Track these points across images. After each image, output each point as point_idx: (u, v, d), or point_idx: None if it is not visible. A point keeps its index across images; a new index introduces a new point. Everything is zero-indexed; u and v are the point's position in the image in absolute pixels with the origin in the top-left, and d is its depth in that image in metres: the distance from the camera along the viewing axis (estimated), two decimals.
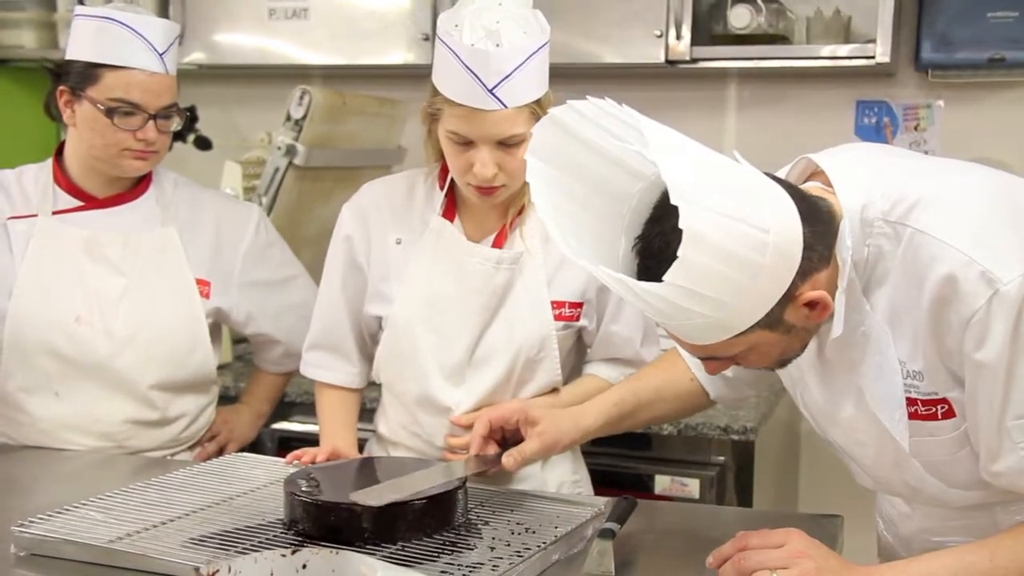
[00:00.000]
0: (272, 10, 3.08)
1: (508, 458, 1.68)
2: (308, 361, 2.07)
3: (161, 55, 2.02)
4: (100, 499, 1.67)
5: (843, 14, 2.84)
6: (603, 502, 1.66)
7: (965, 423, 1.40)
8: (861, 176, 1.40)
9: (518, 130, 1.74)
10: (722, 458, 2.46)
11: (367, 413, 2.13)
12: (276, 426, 2.68)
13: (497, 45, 1.70)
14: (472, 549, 1.48)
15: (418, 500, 1.51)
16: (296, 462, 1.84)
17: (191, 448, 2.18)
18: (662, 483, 2.46)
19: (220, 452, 2.21)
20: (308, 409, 2.75)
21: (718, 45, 2.84)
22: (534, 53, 1.74)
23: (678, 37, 2.77)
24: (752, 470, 2.50)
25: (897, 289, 1.37)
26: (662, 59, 2.79)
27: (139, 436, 2.08)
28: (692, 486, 2.45)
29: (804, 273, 1.30)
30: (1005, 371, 1.31)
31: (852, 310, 1.38)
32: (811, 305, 1.33)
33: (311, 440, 2.09)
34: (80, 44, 2.03)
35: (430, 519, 1.52)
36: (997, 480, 1.40)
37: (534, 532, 1.54)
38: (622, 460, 2.46)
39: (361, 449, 2.03)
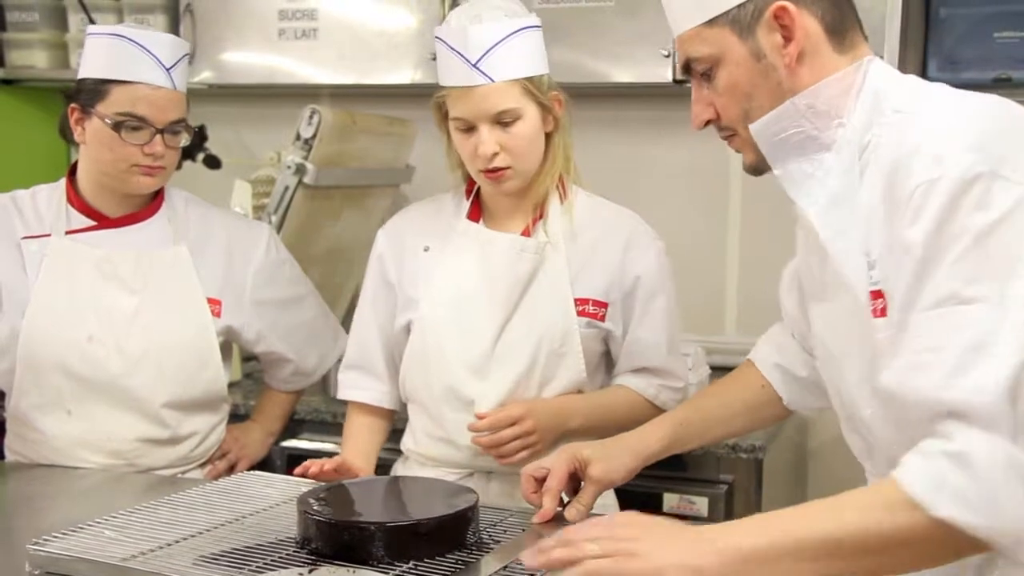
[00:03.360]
0: (282, 30, 3.10)
1: (572, 513, 1.65)
2: (342, 382, 2.10)
3: (168, 70, 2.04)
4: (113, 517, 1.67)
5: None
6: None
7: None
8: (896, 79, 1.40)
9: (509, 104, 1.83)
10: (731, 476, 2.46)
11: (395, 435, 2.14)
12: (285, 444, 2.69)
13: (478, 23, 1.82)
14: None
15: (431, 519, 1.52)
16: (312, 480, 1.85)
17: (202, 466, 2.19)
18: (670, 501, 2.46)
19: (231, 470, 2.23)
20: (317, 427, 2.77)
21: None
22: (518, 31, 1.84)
23: None
24: (761, 488, 2.50)
25: (875, 173, 1.34)
26: (669, 78, 2.81)
27: (150, 454, 2.10)
28: (700, 504, 2.45)
29: None
30: (922, 255, 1.23)
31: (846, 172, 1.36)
32: (782, 26, 1.33)
33: (320, 458, 2.09)
34: (91, 62, 2.05)
35: (443, 539, 1.52)
36: (879, 397, 1.29)
37: None
38: None
39: (387, 471, 2.04)
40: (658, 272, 1.97)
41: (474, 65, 1.82)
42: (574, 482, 1.70)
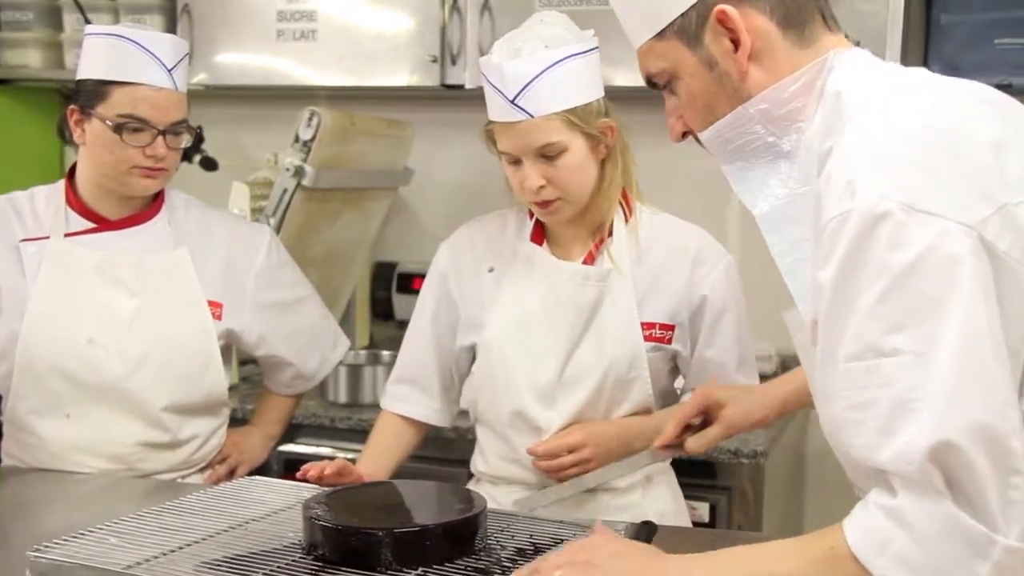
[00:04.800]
0: (280, 31, 3.09)
1: (693, 442, 1.70)
2: (391, 394, 2.08)
3: (170, 71, 2.02)
4: (115, 523, 1.65)
5: (851, 39, 2.84)
6: (621, 527, 1.65)
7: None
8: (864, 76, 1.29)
9: (551, 139, 1.80)
10: (732, 481, 2.45)
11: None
12: (283, 448, 2.67)
13: (516, 58, 1.78)
14: (494, 575, 1.47)
15: (439, 525, 1.51)
16: (314, 484, 1.83)
17: (202, 470, 2.17)
18: None
19: (231, 475, 2.21)
20: (315, 431, 2.75)
21: None
22: (559, 62, 1.79)
23: None
24: (762, 493, 2.49)
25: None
26: None
27: (150, 458, 2.07)
28: (701, 509, 2.44)
29: None
30: (835, 298, 1.14)
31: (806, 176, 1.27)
32: (728, 30, 1.25)
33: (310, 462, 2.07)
34: (90, 62, 2.03)
35: (452, 544, 1.51)
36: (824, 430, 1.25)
37: None
38: None
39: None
40: (727, 289, 1.94)
41: (512, 101, 1.79)
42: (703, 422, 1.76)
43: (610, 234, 1.93)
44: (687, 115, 1.36)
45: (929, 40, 2.81)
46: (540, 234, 1.97)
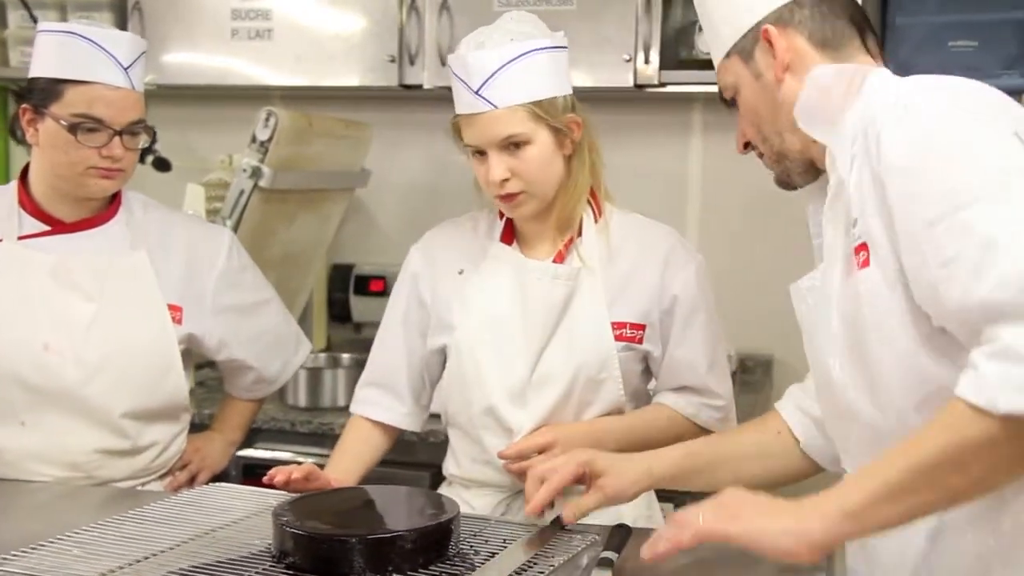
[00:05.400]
0: (235, 30, 3.04)
1: (566, 512, 1.64)
2: (360, 398, 2.05)
3: (126, 69, 1.97)
4: (76, 533, 1.61)
5: None
6: (596, 530, 1.64)
7: (884, 271, 1.33)
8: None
9: (515, 130, 1.80)
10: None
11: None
12: (241, 453, 2.62)
13: (480, 50, 1.81)
14: None
15: (412, 531, 1.48)
16: (280, 490, 1.79)
17: (162, 477, 2.12)
18: (664, 510, 2.43)
19: (192, 481, 2.16)
20: (274, 435, 2.72)
21: (685, 70, 2.85)
22: (524, 54, 1.80)
23: (646, 61, 2.79)
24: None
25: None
26: (631, 83, 2.80)
27: (109, 466, 2.02)
28: (666, 510, 2.43)
29: (779, 18, 1.49)
30: (904, 173, 1.28)
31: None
32: (771, 45, 1.48)
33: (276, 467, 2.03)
34: (43, 60, 1.97)
35: (425, 550, 1.49)
36: (951, 320, 1.25)
37: (532, 563, 1.52)
38: None
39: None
40: (697, 289, 1.94)
41: (476, 92, 1.80)
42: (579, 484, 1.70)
43: (580, 234, 1.92)
44: (743, 125, 1.58)
45: (884, 42, 2.83)
46: (510, 234, 1.96)
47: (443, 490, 2.02)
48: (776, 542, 1.27)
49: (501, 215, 1.96)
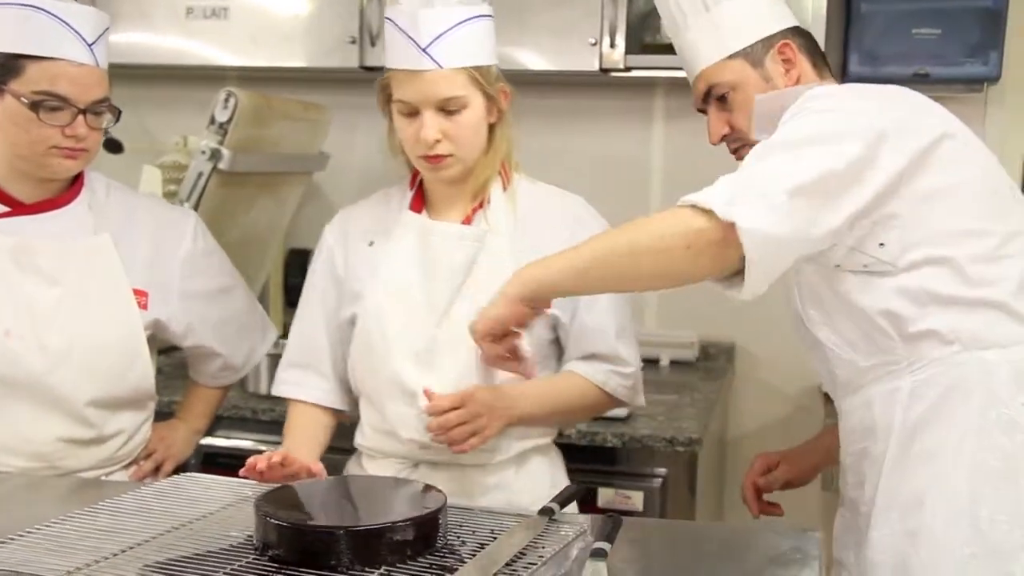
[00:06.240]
0: (190, 8, 2.97)
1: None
2: (282, 379, 2.02)
3: (90, 46, 1.90)
4: (47, 526, 1.55)
5: None
6: (584, 520, 1.62)
7: None
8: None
9: (456, 92, 1.81)
10: (665, 469, 2.45)
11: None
12: (203, 441, 2.55)
13: (430, 8, 1.81)
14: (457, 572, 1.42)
15: (401, 522, 1.45)
16: (257, 480, 1.75)
17: (126, 467, 2.07)
18: (606, 496, 2.43)
19: (157, 471, 2.11)
20: (235, 423, 2.66)
21: (649, 54, 2.83)
22: (470, 19, 1.83)
23: (612, 46, 2.77)
24: (695, 482, 2.49)
25: None
26: (596, 67, 2.78)
27: (73, 455, 1.96)
28: (636, 498, 2.43)
29: (787, 37, 1.80)
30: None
31: None
32: (785, 60, 1.78)
33: (238, 456, 1.96)
34: (2, 35, 1.89)
35: (413, 542, 1.45)
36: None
37: (522, 554, 1.49)
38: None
39: (340, 471, 1.98)
40: None
41: (423, 49, 1.80)
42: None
43: (489, 201, 1.93)
44: (737, 118, 1.81)
45: (849, 30, 2.85)
46: (420, 202, 1.97)
47: (351, 462, 2.01)
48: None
49: (412, 184, 1.97)
